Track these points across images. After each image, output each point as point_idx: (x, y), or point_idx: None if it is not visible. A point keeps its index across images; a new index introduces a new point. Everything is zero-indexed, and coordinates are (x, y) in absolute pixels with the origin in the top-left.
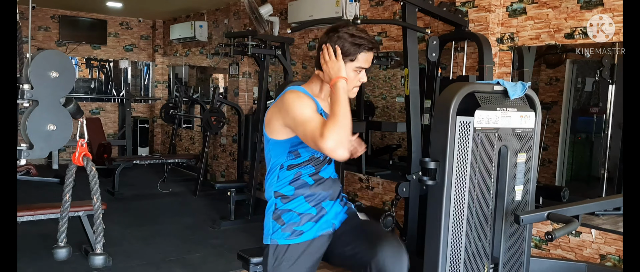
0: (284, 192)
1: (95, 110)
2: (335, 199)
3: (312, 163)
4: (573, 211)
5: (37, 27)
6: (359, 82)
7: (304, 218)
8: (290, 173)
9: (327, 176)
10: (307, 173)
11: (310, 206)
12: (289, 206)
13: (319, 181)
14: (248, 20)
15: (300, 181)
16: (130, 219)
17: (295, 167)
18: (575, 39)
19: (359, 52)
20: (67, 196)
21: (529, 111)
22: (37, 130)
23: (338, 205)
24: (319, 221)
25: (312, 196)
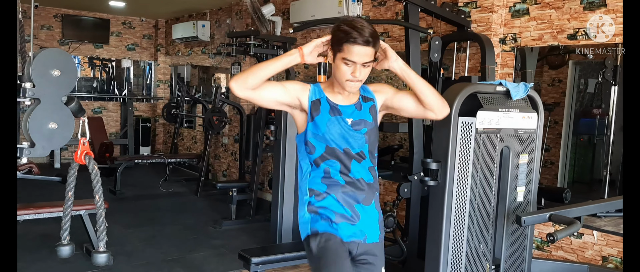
0: (316, 188)
1: (98, 109)
2: (369, 204)
3: (334, 157)
4: (575, 213)
5: (40, 26)
6: (352, 77)
7: (339, 218)
8: (320, 169)
9: (359, 177)
10: (336, 170)
11: (342, 206)
12: (323, 203)
13: (350, 181)
14: (250, 20)
15: (332, 178)
16: (132, 218)
17: (322, 162)
18: (578, 40)
19: (342, 43)
20: (69, 194)
21: (531, 112)
22: (38, 129)
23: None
24: (354, 225)
25: (344, 196)
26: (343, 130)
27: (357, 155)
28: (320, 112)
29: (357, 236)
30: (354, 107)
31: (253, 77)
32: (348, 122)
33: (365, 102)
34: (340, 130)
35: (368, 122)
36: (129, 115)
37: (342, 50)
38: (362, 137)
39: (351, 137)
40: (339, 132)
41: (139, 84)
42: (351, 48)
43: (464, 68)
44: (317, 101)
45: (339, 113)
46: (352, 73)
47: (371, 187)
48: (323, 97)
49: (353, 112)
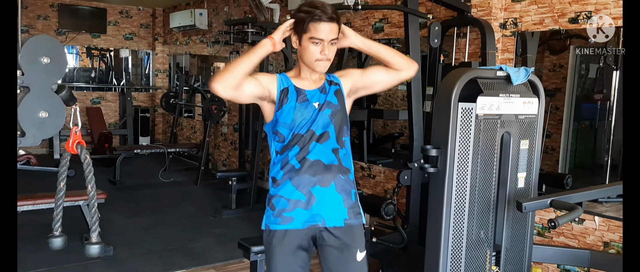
0: (275, 176)
1: (96, 99)
2: (327, 185)
3: (296, 142)
4: (576, 198)
5: (36, 16)
6: (321, 55)
7: (293, 204)
8: (282, 156)
9: (315, 159)
10: (293, 155)
11: (298, 191)
12: (278, 191)
13: (305, 163)
14: (248, 8)
15: (289, 164)
16: (132, 208)
17: (285, 151)
18: (580, 24)
19: (308, 23)
20: (61, 184)
21: (532, 97)
22: (29, 118)
23: (335, 198)
24: (310, 208)
25: (299, 180)
26: (310, 114)
27: (320, 136)
28: (289, 100)
29: (314, 220)
30: (318, 91)
31: (234, 75)
32: (315, 105)
33: (331, 85)
34: (306, 115)
35: (333, 104)
36: (127, 106)
37: (309, 30)
38: (326, 118)
39: (316, 119)
40: (306, 117)
41: (138, 73)
42: (317, 26)
43: (464, 54)
44: (286, 89)
45: (306, 99)
46: (321, 52)
47: (330, 169)
48: (291, 85)
49: (319, 95)
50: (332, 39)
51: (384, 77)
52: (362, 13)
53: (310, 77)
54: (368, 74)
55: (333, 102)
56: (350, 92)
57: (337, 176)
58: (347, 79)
